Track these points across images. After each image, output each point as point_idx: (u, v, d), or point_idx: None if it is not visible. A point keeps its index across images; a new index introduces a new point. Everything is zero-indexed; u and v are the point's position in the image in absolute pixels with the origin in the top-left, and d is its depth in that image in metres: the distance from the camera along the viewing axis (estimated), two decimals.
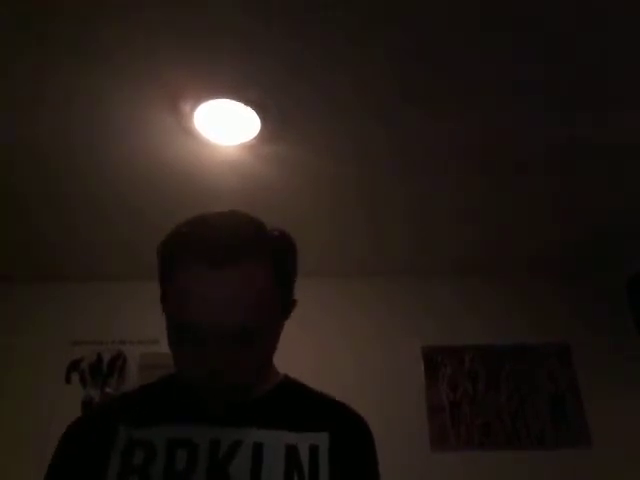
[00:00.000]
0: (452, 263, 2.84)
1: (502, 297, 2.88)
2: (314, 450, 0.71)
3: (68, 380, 2.67)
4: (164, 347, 2.81)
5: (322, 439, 0.73)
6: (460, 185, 2.20)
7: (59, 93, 1.68)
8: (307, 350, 2.48)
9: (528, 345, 2.75)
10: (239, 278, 0.65)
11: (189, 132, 1.85)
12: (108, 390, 2.59)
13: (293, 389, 0.82)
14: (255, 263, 0.66)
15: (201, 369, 0.66)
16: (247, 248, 0.66)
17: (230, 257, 0.64)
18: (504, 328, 2.79)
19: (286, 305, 0.75)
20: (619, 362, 2.69)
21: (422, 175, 2.13)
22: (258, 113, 1.76)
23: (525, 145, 1.95)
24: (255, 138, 1.88)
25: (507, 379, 2.68)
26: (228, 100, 1.72)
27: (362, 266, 2.87)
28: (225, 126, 1.82)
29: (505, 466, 2.48)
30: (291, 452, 0.70)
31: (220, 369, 0.65)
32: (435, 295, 2.90)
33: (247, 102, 1.73)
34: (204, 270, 0.64)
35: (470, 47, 1.53)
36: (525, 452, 2.51)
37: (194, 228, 0.69)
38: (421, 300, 2.88)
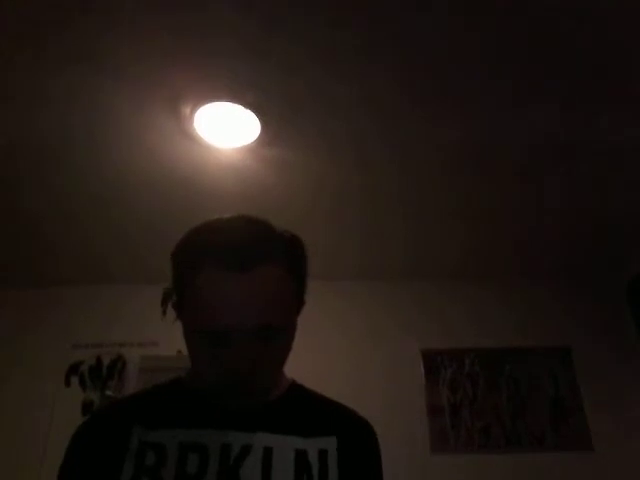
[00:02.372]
0: (451, 265, 2.84)
1: (502, 299, 2.88)
2: (323, 454, 0.72)
3: (68, 383, 2.67)
4: (164, 350, 2.81)
5: (330, 443, 0.74)
6: (460, 185, 2.20)
7: (59, 95, 1.68)
8: (307, 353, 2.46)
9: (528, 347, 2.74)
10: (258, 278, 0.66)
11: (189, 135, 1.85)
12: (108, 393, 2.59)
13: (302, 394, 0.83)
14: (272, 263, 0.67)
15: (225, 371, 0.67)
16: (263, 249, 0.67)
17: (248, 259, 0.65)
18: (504, 330, 2.79)
19: (299, 305, 0.77)
20: (619, 364, 2.68)
21: (422, 175, 2.13)
22: (258, 116, 1.77)
23: (525, 145, 1.95)
24: (255, 141, 1.88)
25: (507, 381, 2.67)
26: (228, 103, 1.72)
27: (362, 269, 2.86)
28: (225, 129, 1.82)
29: (505, 468, 2.47)
30: (300, 457, 0.71)
31: (244, 370, 0.66)
32: (435, 297, 2.89)
33: (247, 105, 1.73)
34: (223, 273, 0.65)
35: (470, 47, 1.53)
36: (525, 454, 2.51)
37: (209, 232, 0.70)
38: (421, 302, 2.88)
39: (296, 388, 0.84)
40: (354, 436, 0.77)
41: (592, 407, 2.59)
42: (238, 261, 0.65)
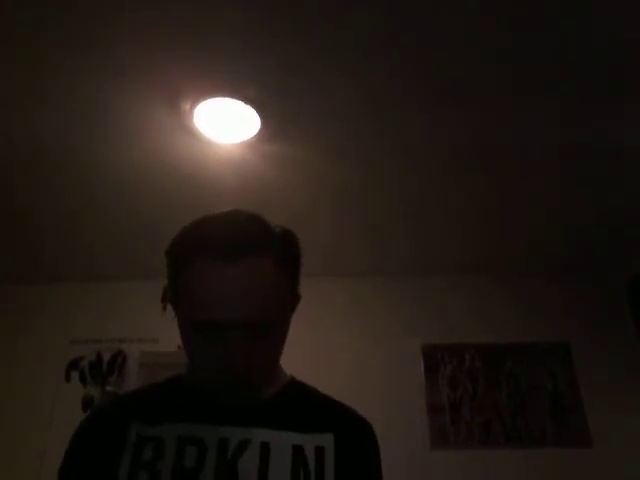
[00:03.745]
0: (452, 263, 2.85)
1: (502, 296, 2.88)
2: (320, 451, 0.72)
3: (68, 379, 2.68)
4: (164, 345, 2.81)
5: (327, 440, 0.74)
6: (460, 185, 2.20)
7: (59, 93, 1.68)
8: (307, 349, 2.48)
9: (528, 344, 2.75)
10: (252, 272, 0.65)
11: (189, 130, 1.85)
12: (108, 388, 2.60)
13: (300, 391, 0.83)
14: (265, 257, 0.67)
15: (220, 368, 0.67)
16: (256, 243, 0.67)
17: (241, 252, 0.65)
18: (504, 327, 2.79)
19: (293, 299, 0.76)
20: (619, 362, 2.69)
21: (422, 175, 2.13)
22: (258, 111, 1.77)
23: (525, 145, 1.95)
24: (255, 136, 1.88)
25: (507, 378, 2.68)
26: (228, 98, 1.72)
27: (362, 265, 2.87)
28: (225, 124, 1.82)
29: (505, 465, 2.48)
30: (297, 452, 0.71)
31: (239, 366, 0.66)
32: (435, 294, 2.90)
33: (247, 100, 1.73)
34: (217, 267, 0.65)
35: (470, 47, 1.53)
36: (525, 451, 2.51)
37: (202, 227, 0.70)
38: (421, 299, 2.88)
39: (294, 384, 0.84)
40: (351, 434, 0.77)
41: (591, 404, 2.59)
42: (227, 252, 0.64)
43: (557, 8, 1.40)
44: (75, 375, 2.68)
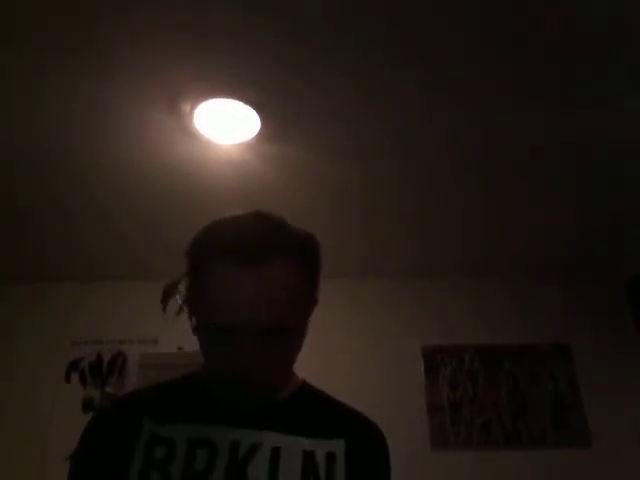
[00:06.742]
0: (452, 263, 2.85)
1: (502, 297, 2.88)
2: (330, 457, 0.72)
3: (68, 380, 2.68)
4: (164, 347, 2.79)
5: (338, 446, 0.73)
6: (460, 185, 2.20)
7: (59, 93, 1.68)
8: (307, 349, 2.47)
9: (528, 345, 2.75)
10: (270, 275, 0.65)
11: (189, 131, 1.85)
12: (108, 389, 2.60)
13: (312, 395, 0.83)
14: (284, 261, 0.66)
15: (234, 369, 0.67)
16: (276, 246, 0.66)
17: (259, 256, 0.65)
18: (504, 328, 2.79)
19: (310, 303, 0.76)
20: (619, 362, 2.69)
21: (422, 175, 2.13)
22: (258, 112, 1.77)
23: (525, 145, 1.95)
24: (255, 137, 1.88)
25: (507, 379, 2.68)
26: (228, 99, 1.72)
27: (362, 266, 2.87)
28: (225, 125, 1.82)
29: (505, 466, 2.48)
30: (308, 458, 0.71)
31: (254, 368, 0.66)
32: (435, 295, 2.90)
33: (247, 101, 1.73)
34: (233, 271, 0.64)
35: (470, 47, 1.53)
36: (525, 452, 2.52)
37: (222, 229, 0.70)
38: (421, 300, 2.88)
39: (307, 388, 0.83)
40: (363, 441, 0.76)
41: (591, 404, 2.60)
42: (246, 256, 0.64)
43: (557, 9, 1.40)
44: (75, 377, 2.68)
